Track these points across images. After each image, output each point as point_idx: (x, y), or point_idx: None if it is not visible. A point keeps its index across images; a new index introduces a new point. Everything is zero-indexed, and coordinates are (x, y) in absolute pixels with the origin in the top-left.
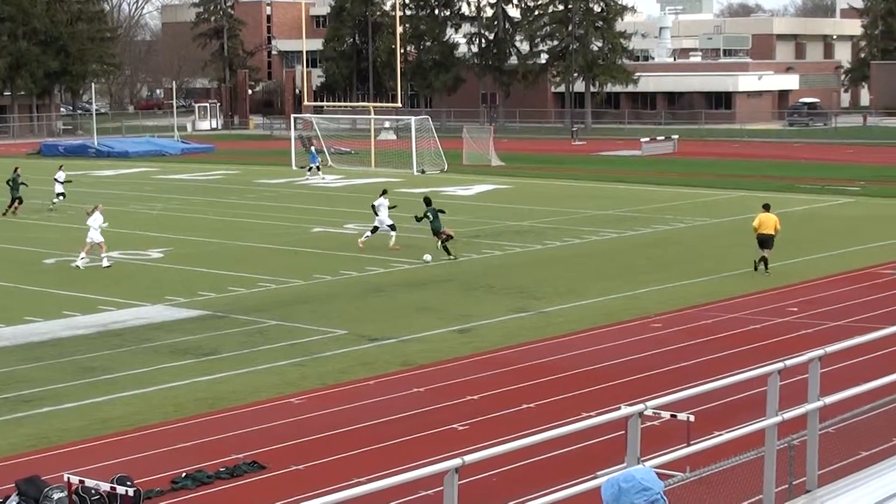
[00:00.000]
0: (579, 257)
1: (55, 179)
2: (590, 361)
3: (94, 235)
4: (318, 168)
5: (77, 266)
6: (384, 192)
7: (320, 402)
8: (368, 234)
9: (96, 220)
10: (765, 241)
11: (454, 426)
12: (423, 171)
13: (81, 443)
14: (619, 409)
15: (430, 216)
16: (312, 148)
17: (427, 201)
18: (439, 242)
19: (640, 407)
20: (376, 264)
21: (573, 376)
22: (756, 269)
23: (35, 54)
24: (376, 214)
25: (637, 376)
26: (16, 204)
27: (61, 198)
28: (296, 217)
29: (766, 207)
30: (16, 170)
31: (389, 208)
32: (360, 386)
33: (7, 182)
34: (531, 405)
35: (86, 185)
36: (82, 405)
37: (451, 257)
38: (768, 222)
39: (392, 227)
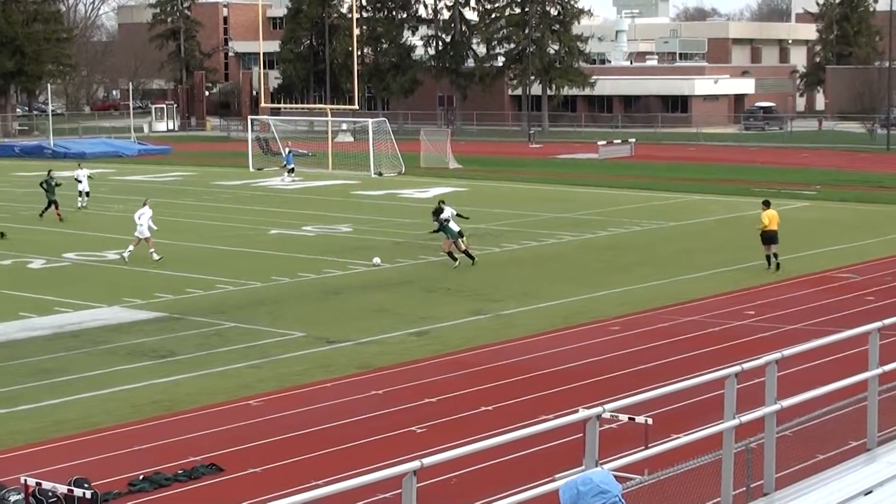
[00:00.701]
0: (537, 260)
1: (76, 179)
2: (548, 364)
3: (142, 231)
4: (292, 169)
5: (123, 258)
6: (442, 202)
7: (278, 404)
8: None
9: (145, 215)
10: (772, 237)
11: (412, 429)
12: (380, 174)
13: (37, 445)
14: (577, 411)
15: (445, 222)
16: (287, 149)
17: (436, 211)
18: (461, 247)
19: (597, 410)
20: (334, 266)
21: (532, 379)
22: (769, 265)
23: None
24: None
25: (595, 379)
26: (54, 208)
27: (85, 197)
28: (253, 219)
29: (767, 204)
30: (49, 172)
31: (457, 216)
32: (317, 388)
33: (41, 185)
34: (489, 408)
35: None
36: (38, 407)
37: (473, 260)
38: (775, 218)
39: (460, 234)
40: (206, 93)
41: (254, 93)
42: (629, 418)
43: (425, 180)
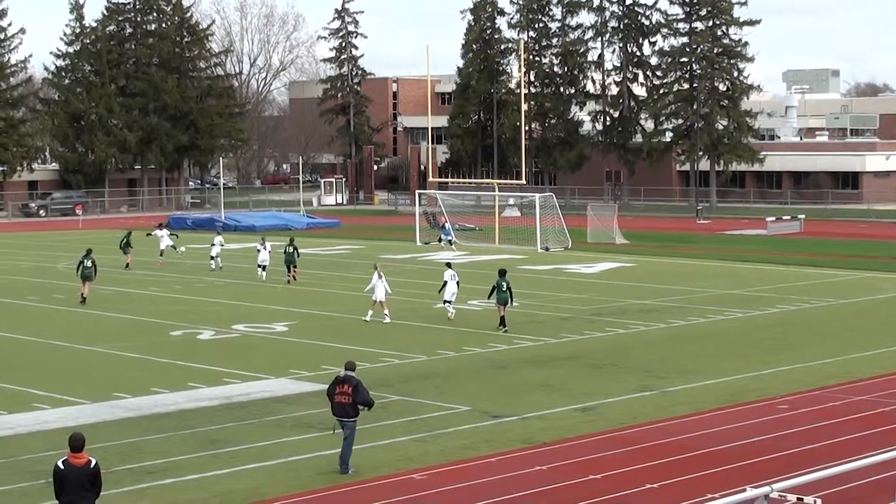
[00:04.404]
0: (703, 337)
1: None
2: (714, 442)
3: (378, 294)
4: (450, 242)
5: (365, 320)
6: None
7: (442, 478)
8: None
9: (381, 280)
10: None
11: None
12: (546, 249)
13: None
14: (744, 490)
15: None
16: (447, 223)
17: (501, 273)
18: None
19: (766, 489)
20: (499, 341)
21: (697, 457)
22: None
23: (165, 129)
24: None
25: (762, 458)
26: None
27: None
28: (419, 292)
29: None
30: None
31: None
32: (482, 463)
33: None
34: (654, 485)
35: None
36: (204, 477)
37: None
38: None
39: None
40: (375, 167)
41: (422, 167)
42: (798, 499)
43: (592, 255)
